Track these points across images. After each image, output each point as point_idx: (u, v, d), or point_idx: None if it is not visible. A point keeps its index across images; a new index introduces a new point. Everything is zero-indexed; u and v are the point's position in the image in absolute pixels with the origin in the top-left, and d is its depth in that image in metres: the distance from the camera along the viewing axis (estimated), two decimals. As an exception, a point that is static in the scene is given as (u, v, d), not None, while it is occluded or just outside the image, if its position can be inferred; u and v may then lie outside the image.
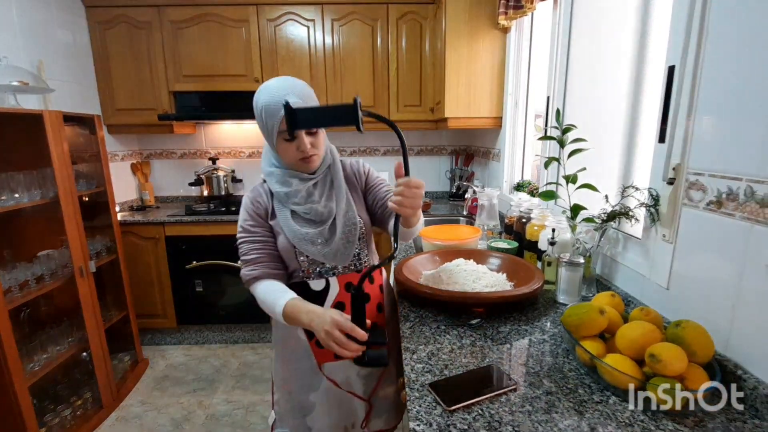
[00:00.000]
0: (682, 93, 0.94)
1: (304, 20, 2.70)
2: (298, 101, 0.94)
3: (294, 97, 0.94)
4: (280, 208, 1.06)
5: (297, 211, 1.05)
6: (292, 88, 0.97)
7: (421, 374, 0.87)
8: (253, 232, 1.06)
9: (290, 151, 1.00)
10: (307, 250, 1.05)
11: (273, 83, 0.98)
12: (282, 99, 0.91)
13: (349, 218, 1.09)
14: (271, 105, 0.95)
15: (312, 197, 1.06)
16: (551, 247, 1.31)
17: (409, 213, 0.86)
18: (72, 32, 2.56)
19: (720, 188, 0.84)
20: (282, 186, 1.04)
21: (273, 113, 0.95)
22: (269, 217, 1.07)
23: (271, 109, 0.95)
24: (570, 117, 1.55)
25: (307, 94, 0.99)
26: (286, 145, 0.99)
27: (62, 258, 2.00)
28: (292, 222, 1.04)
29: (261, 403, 2.24)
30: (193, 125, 3.10)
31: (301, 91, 0.98)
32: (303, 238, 1.04)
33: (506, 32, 2.17)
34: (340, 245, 1.07)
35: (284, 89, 0.96)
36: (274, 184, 1.05)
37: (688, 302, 0.94)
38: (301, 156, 1.00)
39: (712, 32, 0.87)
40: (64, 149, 1.93)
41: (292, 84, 0.98)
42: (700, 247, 0.90)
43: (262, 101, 0.97)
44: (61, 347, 1.99)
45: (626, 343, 0.82)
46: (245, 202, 1.08)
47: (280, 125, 0.96)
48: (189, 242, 2.69)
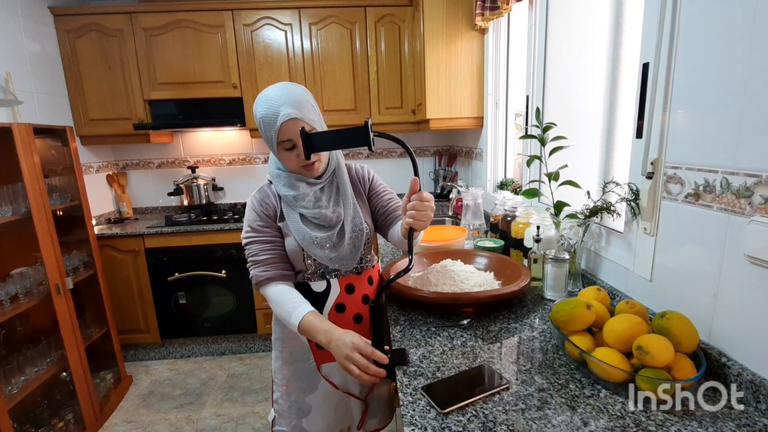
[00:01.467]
0: (657, 89, 0.96)
1: (282, 24, 2.67)
2: (293, 111, 0.96)
3: (289, 108, 0.95)
4: (289, 210, 1.06)
5: (305, 215, 1.05)
6: (287, 97, 0.97)
7: (414, 378, 0.87)
8: (263, 232, 1.06)
9: (291, 159, 1.02)
10: (315, 254, 1.05)
11: (270, 93, 0.99)
12: (278, 110, 0.95)
13: (356, 224, 1.10)
14: (268, 116, 0.97)
15: (320, 202, 1.07)
16: (536, 244, 1.32)
17: (424, 226, 0.91)
18: (40, 42, 2.48)
19: (697, 181, 0.86)
20: (289, 189, 1.05)
21: (270, 124, 0.97)
22: (278, 219, 1.07)
23: (268, 120, 0.97)
24: (549, 115, 1.58)
25: (303, 101, 0.99)
26: (287, 153, 1.01)
27: (37, 275, 1.93)
28: (302, 225, 1.05)
29: (251, 415, 2.20)
30: (170, 134, 3.04)
31: (296, 100, 0.98)
32: (312, 241, 1.04)
33: (484, 33, 2.20)
34: (347, 251, 1.08)
35: (280, 99, 0.96)
36: (281, 187, 1.05)
37: (671, 293, 0.96)
38: (302, 164, 1.02)
39: (683, 30, 0.89)
40: (35, 162, 1.87)
41: (288, 92, 0.98)
42: (681, 238, 0.93)
43: (260, 113, 0.98)
44: (39, 368, 1.92)
45: (614, 337, 0.83)
46: (253, 203, 1.08)
47: (278, 135, 0.97)
48: (170, 254, 2.62)
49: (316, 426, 1.15)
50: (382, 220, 1.17)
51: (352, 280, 1.12)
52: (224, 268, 2.65)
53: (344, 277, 1.11)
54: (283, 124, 0.96)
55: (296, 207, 1.05)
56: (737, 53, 0.76)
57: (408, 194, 0.92)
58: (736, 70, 0.77)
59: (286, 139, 0.98)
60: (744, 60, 0.75)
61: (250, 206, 1.08)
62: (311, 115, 1.00)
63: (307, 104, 1.00)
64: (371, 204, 1.19)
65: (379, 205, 1.18)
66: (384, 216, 1.17)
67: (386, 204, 1.17)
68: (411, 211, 0.90)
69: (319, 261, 1.07)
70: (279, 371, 1.17)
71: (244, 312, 2.72)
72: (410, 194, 0.91)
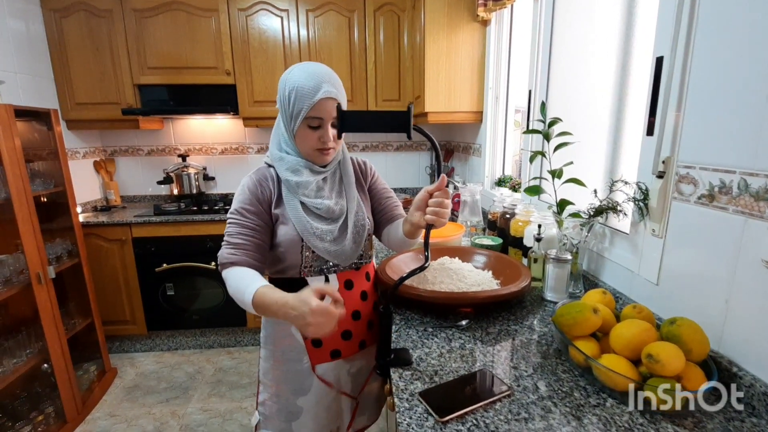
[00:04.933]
0: (671, 84, 0.91)
1: (278, 10, 2.59)
2: (334, 90, 0.92)
3: (330, 86, 0.92)
4: (290, 197, 0.99)
5: (306, 203, 0.99)
6: (330, 76, 0.94)
7: (410, 382, 0.82)
8: (247, 217, 0.97)
9: (310, 139, 0.96)
10: (314, 245, 0.99)
11: (310, 66, 0.94)
12: (320, 84, 0.91)
13: (359, 219, 1.06)
14: (306, 87, 0.91)
15: (322, 191, 1.01)
16: (537, 243, 1.28)
17: (443, 224, 0.88)
18: (25, 21, 2.38)
19: (712, 181, 0.82)
20: (293, 174, 0.98)
21: (305, 96, 0.91)
22: (273, 205, 0.99)
23: (305, 92, 0.91)
24: (552, 110, 1.53)
25: (340, 84, 0.96)
26: (308, 132, 0.95)
27: (17, 264, 1.85)
28: (303, 213, 0.98)
29: (238, 410, 2.15)
30: (161, 120, 2.95)
31: (337, 81, 0.95)
32: (313, 232, 0.98)
33: (486, 25, 2.14)
34: (348, 246, 1.03)
35: (322, 75, 0.92)
36: (284, 171, 0.98)
37: (679, 298, 0.92)
38: (320, 146, 0.96)
39: (702, 22, 0.85)
40: (16, 146, 1.78)
41: (329, 72, 0.95)
42: (691, 241, 0.89)
43: (296, 81, 0.92)
44: (18, 360, 1.85)
45: (622, 343, 0.79)
46: (248, 183, 1.00)
47: (312, 110, 0.92)
48: (158, 244, 2.55)
49: (306, 429, 1.10)
50: (379, 220, 1.15)
51: (351, 276, 1.07)
52: (214, 259, 2.58)
53: (343, 273, 1.06)
54: (321, 99, 0.91)
55: (297, 194, 0.98)
56: (761, 47, 0.72)
57: (432, 189, 0.87)
58: (759, 65, 0.72)
59: (318, 116, 0.93)
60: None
61: (244, 185, 1.00)
62: (343, 101, 0.97)
63: (342, 88, 0.97)
64: (372, 201, 1.15)
65: (378, 205, 1.14)
66: (381, 216, 1.14)
67: (386, 205, 1.14)
68: (434, 207, 0.85)
69: (317, 254, 1.01)
70: (269, 372, 1.11)
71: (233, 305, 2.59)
72: (435, 190, 0.87)
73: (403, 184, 3.27)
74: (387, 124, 0.84)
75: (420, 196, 0.90)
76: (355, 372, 1.13)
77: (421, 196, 0.89)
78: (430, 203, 0.87)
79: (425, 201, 0.88)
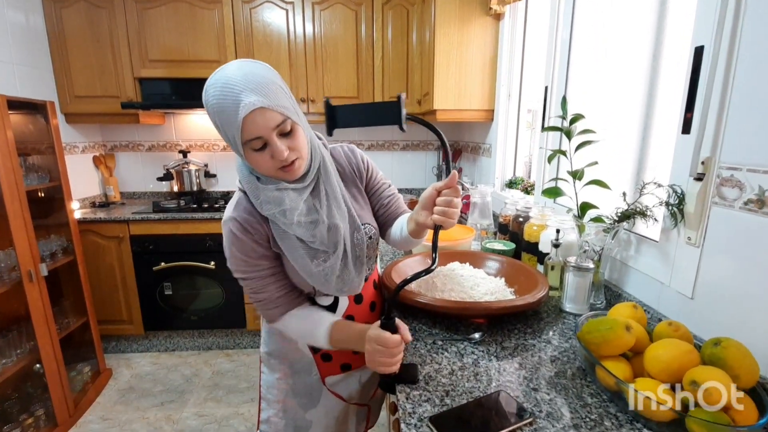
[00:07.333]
0: (715, 77, 0.82)
1: (283, 3, 2.51)
2: (258, 99, 0.69)
3: (251, 95, 0.69)
4: (282, 235, 0.83)
5: (303, 237, 0.83)
6: (247, 80, 0.70)
7: (419, 404, 0.74)
8: (257, 265, 0.85)
9: (264, 161, 0.76)
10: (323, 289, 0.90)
11: (223, 73, 0.72)
12: (237, 98, 0.69)
13: (358, 239, 0.91)
14: (224, 107, 0.70)
15: (313, 212, 0.84)
16: (555, 250, 1.19)
17: (452, 225, 0.79)
18: (24, 11, 2.31)
19: (762, 185, 0.73)
20: (273, 204, 0.79)
21: (228, 120, 0.71)
22: (271, 243, 0.85)
23: (226, 114, 0.71)
24: (571, 107, 1.44)
25: (268, 83, 0.72)
26: (258, 155, 0.75)
27: (8, 260, 1.78)
28: (303, 253, 0.84)
29: (235, 416, 2.07)
30: (162, 115, 2.88)
31: (259, 83, 0.71)
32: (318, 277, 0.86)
33: (499, 19, 2.05)
34: (353, 274, 0.91)
35: (236, 83, 0.70)
36: (263, 205, 0.80)
37: (718, 314, 0.83)
38: (279, 165, 0.76)
39: (752, 5, 0.76)
40: (9, 138, 1.71)
41: (248, 72, 0.71)
42: (735, 251, 0.79)
43: (212, 102, 0.72)
44: (8, 360, 1.78)
45: (659, 367, 0.70)
46: (234, 228, 0.82)
47: (242, 133, 0.71)
48: (157, 242, 2.48)
49: None
50: (382, 222, 1.01)
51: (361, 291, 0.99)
52: (213, 259, 2.51)
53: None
54: (246, 117, 0.69)
55: (290, 227, 0.82)
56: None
57: (441, 186, 0.77)
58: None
59: (253, 137, 0.72)
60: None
61: (232, 232, 0.82)
62: (282, 101, 0.73)
63: (274, 86, 0.73)
64: (371, 200, 1.00)
65: (379, 205, 1.00)
66: (383, 216, 1.00)
67: (387, 202, 1.00)
68: (443, 207, 0.76)
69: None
70: (275, 386, 1.02)
71: (232, 306, 2.58)
72: (444, 187, 0.77)
73: (409, 184, 3.18)
74: (378, 116, 0.79)
75: (427, 194, 0.79)
76: (365, 381, 1.08)
77: (429, 194, 0.79)
78: (438, 202, 0.77)
79: (433, 199, 0.79)
